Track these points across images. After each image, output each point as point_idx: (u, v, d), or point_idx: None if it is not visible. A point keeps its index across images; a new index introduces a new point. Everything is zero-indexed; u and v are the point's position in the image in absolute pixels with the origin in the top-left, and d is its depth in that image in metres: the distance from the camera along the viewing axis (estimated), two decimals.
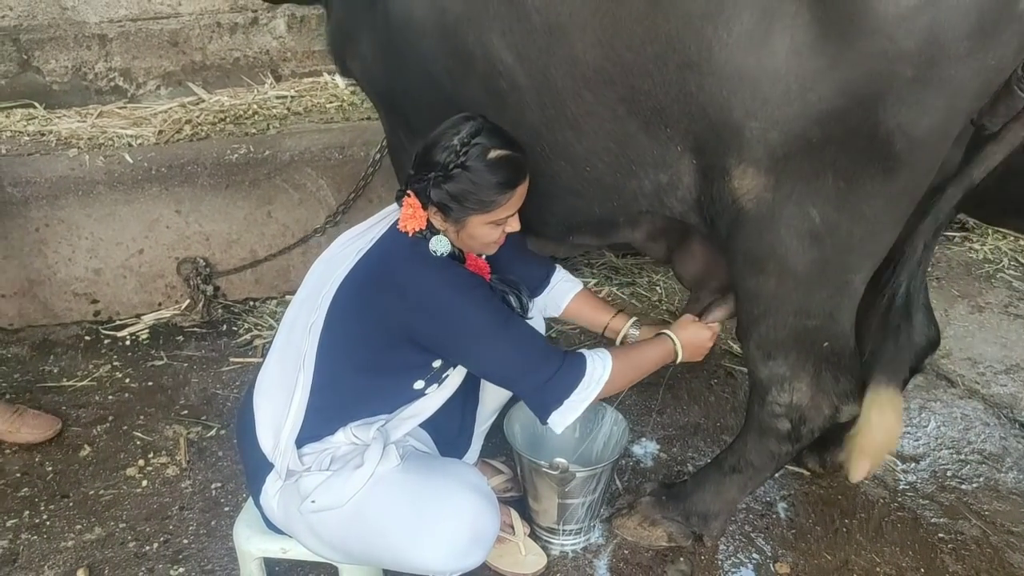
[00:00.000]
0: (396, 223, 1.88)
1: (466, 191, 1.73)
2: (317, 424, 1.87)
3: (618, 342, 2.17)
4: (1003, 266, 3.90)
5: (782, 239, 1.75)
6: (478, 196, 1.73)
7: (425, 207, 1.79)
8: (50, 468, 2.57)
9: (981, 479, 2.56)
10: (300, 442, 1.87)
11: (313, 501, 1.80)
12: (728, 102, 1.63)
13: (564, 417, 1.81)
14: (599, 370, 1.82)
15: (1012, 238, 4.05)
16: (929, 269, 3.33)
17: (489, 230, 1.81)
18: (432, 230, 1.82)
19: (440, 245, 1.81)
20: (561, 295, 2.21)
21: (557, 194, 2.00)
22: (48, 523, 2.35)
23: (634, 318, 2.18)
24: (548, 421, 1.82)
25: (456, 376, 1.99)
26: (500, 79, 1.84)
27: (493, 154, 1.72)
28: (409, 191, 1.81)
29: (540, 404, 1.82)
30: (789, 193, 1.69)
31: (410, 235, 1.81)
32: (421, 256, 1.81)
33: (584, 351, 1.87)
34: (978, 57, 1.48)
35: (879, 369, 2.01)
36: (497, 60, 1.82)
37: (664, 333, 2.02)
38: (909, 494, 2.49)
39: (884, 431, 1.97)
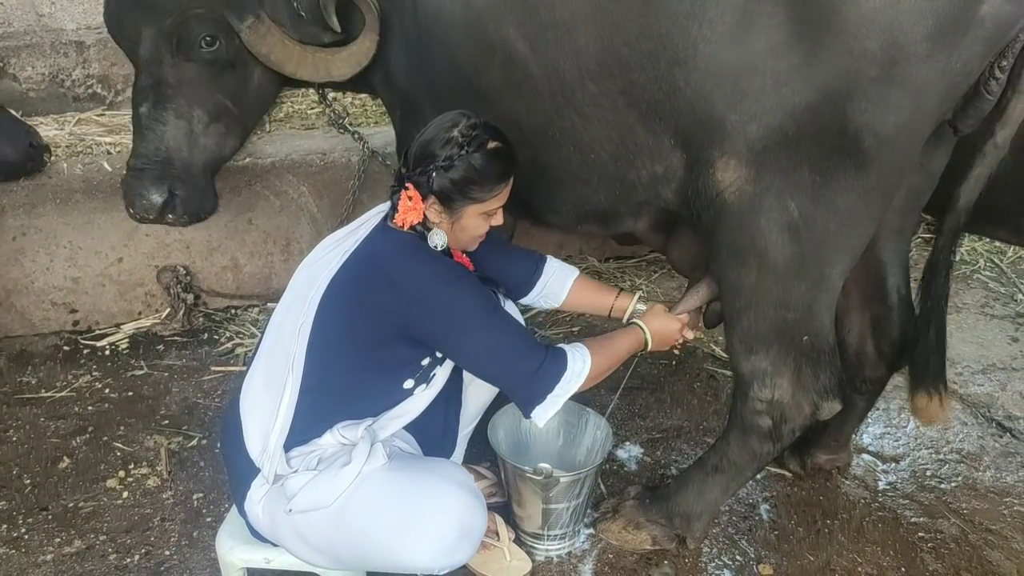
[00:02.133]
0: (379, 224, 1.93)
1: (469, 179, 1.81)
2: (306, 426, 1.88)
3: (625, 319, 2.22)
4: (979, 267, 3.96)
5: (762, 231, 1.82)
6: (480, 184, 1.82)
7: (424, 199, 1.84)
8: (28, 481, 2.54)
9: (960, 478, 2.59)
10: (288, 446, 1.88)
11: (300, 500, 1.80)
12: (711, 96, 1.74)
13: (547, 411, 1.85)
14: (579, 364, 1.88)
15: (987, 239, 4.11)
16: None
17: (481, 222, 1.90)
18: (425, 226, 1.87)
19: (440, 239, 1.88)
20: (560, 284, 2.25)
21: (566, 180, 2.11)
22: (26, 537, 2.32)
23: (639, 293, 2.26)
24: (532, 415, 1.86)
25: (442, 375, 2.02)
26: (516, 68, 1.97)
27: (491, 145, 1.82)
28: (408, 183, 1.85)
29: (525, 397, 1.86)
30: (768, 186, 1.77)
31: (405, 229, 1.86)
32: (411, 250, 1.85)
33: (563, 346, 1.91)
34: (940, 59, 1.56)
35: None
36: (513, 50, 1.95)
37: (634, 323, 2.10)
38: (890, 494, 2.52)
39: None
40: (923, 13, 1.52)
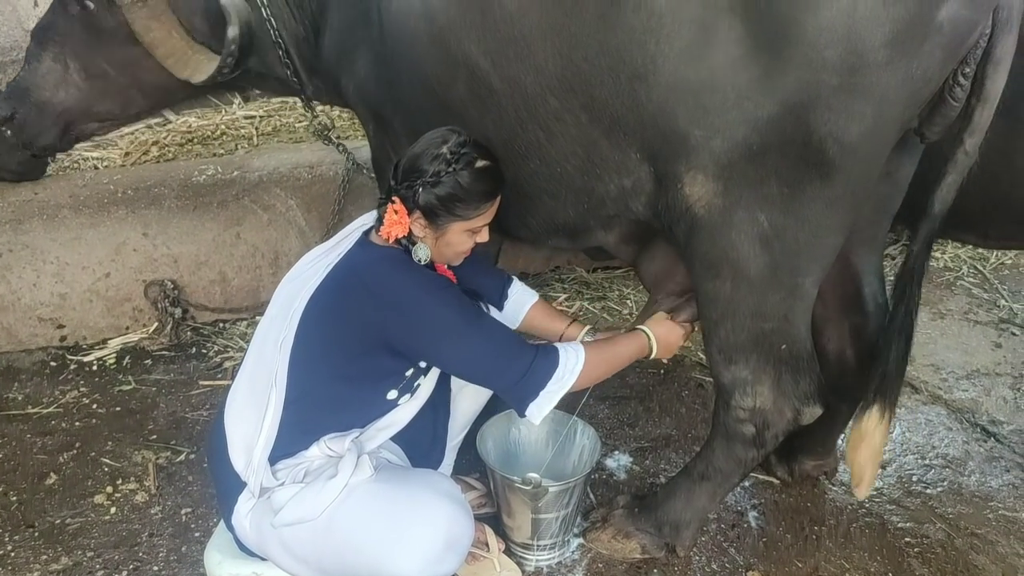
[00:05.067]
0: (361, 238, 1.94)
1: (455, 196, 1.81)
2: (291, 439, 1.88)
3: None
4: (963, 274, 4.00)
5: (734, 243, 1.83)
6: (465, 202, 1.82)
7: (410, 213, 1.84)
8: (14, 497, 2.52)
9: (945, 483, 2.62)
10: (274, 459, 1.88)
11: (286, 513, 1.80)
12: (674, 111, 1.74)
13: (541, 408, 1.85)
14: (572, 360, 1.88)
15: (971, 246, 4.16)
16: (891, 278, 3.41)
17: (465, 238, 1.90)
18: (410, 239, 1.87)
19: (423, 253, 1.88)
20: (518, 306, 2.27)
21: (535, 194, 2.10)
22: (12, 554, 2.30)
23: (588, 326, 2.26)
24: (526, 413, 1.86)
25: (427, 385, 2.03)
26: (480, 83, 1.96)
27: (480, 163, 1.83)
28: (395, 197, 1.86)
29: (517, 397, 1.86)
30: (738, 199, 1.78)
31: (390, 242, 1.87)
32: (392, 262, 1.86)
33: (556, 344, 1.92)
34: (900, 66, 1.57)
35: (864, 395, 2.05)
36: (475, 66, 1.94)
37: (639, 328, 2.09)
38: (876, 500, 2.54)
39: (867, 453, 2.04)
40: (880, 20, 1.52)
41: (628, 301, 3.72)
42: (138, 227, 3.27)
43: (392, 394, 1.93)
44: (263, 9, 2.45)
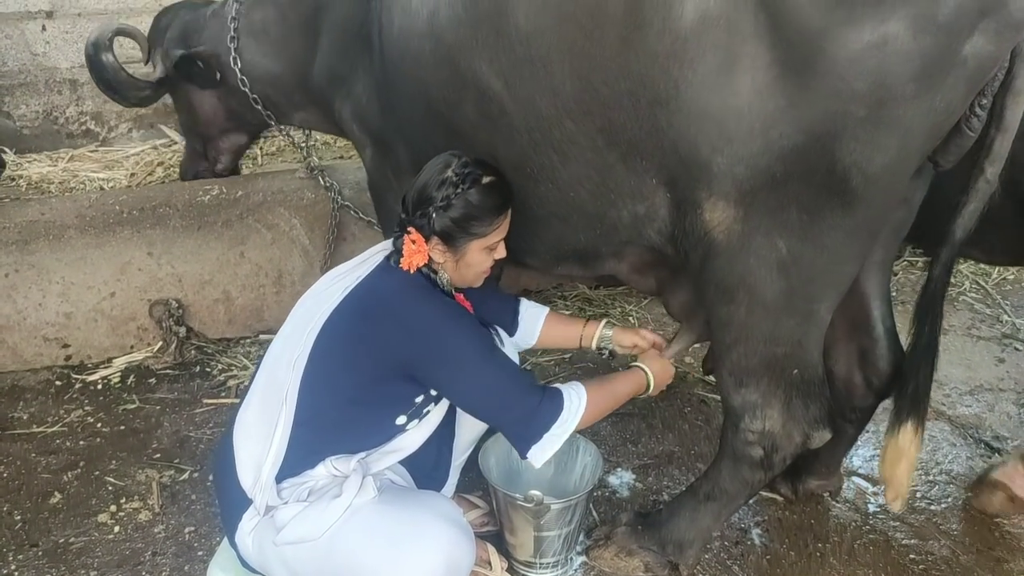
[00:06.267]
0: (383, 262, 1.96)
1: (469, 216, 1.85)
2: (299, 458, 1.89)
3: (594, 345, 2.29)
4: (965, 289, 4.00)
5: (751, 269, 1.82)
6: (479, 219, 1.87)
7: (427, 240, 1.88)
8: (18, 517, 2.53)
9: (949, 499, 2.61)
10: (280, 478, 1.89)
11: (288, 532, 1.80)
12: (696, 138, 1.72)
13: (544, 451, 1.88)
14: (575, 403, 1.91)
15: (972, 262, 4.16)
16: (894, 293, 3.41)
17: (484, 256, 1.94)
18: (431, 267, 1.90)
19: (445, 278, 1.93)
20: (532, 323, 2.29)
21: (544, 218, 2.09)
22: (16, 574, 2.30)
23: (605, 319, 2.30)
24: (528, 455, 1.88)
25: (436, 413, 2.04)
26: (490, 104, 1.95)
27: (486, 179, 1.87)
28: (410, 228, 1.89)
29: (521, 438, 1.88)
30: (757, 225, 1.77)
31: (412, 272, 1.89)
32: (417, 289, 1.90)
33: (560, 386, 1.94)
34: (925, 99, 1.56)
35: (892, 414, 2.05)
36: (487, 87, 1.93)
37: (637, 366, 2.13)
38: (880, 516, 2.53)
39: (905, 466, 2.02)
40: (910, 54, 1.51)
41: (631, 318, 3.73)
42: (143, 247, 3.30)
43: (401, 419, 1.95)
44: (231, 53, 2.69)
